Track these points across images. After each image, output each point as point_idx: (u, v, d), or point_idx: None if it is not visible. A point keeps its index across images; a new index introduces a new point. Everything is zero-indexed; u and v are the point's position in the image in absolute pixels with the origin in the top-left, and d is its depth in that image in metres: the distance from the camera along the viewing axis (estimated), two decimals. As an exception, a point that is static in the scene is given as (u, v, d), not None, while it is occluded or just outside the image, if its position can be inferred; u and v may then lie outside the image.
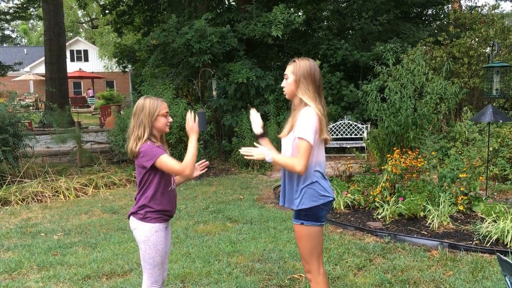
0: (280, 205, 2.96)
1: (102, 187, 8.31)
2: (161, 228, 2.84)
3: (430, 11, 15.29)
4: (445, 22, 13.74)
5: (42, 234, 5.79)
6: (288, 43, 13.30)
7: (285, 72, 2.83)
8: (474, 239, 4.82)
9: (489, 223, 4.95)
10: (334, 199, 2.87)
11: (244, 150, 2.83)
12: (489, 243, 4.64)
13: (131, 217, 2.87)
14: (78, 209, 6.97)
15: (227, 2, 14.35)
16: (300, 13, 14.28)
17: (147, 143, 2.78)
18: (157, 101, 2.86)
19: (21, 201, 7.49)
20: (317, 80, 2.77)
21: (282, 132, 2.89)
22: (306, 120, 2.67)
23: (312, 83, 2.76)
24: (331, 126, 11.26)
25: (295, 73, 2.77)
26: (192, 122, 2.84)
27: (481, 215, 5.53)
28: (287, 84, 2.82)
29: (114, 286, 4.05)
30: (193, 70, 11.66)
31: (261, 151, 2.80)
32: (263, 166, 9.78)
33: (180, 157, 8.90)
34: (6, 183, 8.01)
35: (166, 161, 2.74)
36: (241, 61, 11.32)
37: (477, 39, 10.27)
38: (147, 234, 2.80)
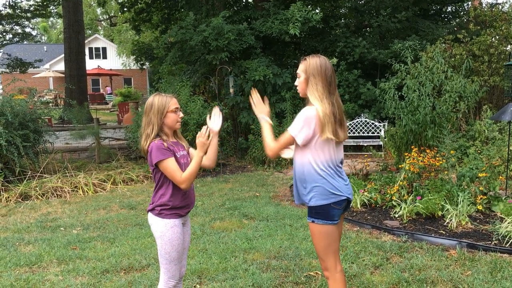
0: (296, 203, 2.96)
1: (120, 183, 8.41)
2: (177, 224, 2.84)
3: (449, 8, 15.10)
4: (465, 20, 13.54)
5: (62, 228, 5.89)
6: (305, 41, 13.25)
7: (297, 71, 2.84)
8: (493, 239, 4.76)
9: (508, 223, 4.88)
10: (348, 198, 2.80)
11: (255, 97, 3.00)
12: (509, 243, 4.58)
13: (149, 213, 2.90)
14: (97, 205, 7.07)
15: (244, 0, 14.36)
16: (317, 11, 14.22)
17: (156, 142, 2.76)
18: (165, 98, 2.83)
19: (41, 196, 7.62)
20: (327, 77, 2.74)
21: None
22: (299, 117, 2.71)
23: (322, 81, 2.73)
24: (347, 124, 11.20)
25: (305, 71, 2.78)
26: (204, 138, 2.74)
27: (500, 215, 5.45)
28: (299, 83, 2.83)
29: (132, 280, 4.10)
30: (210, 67, 11.70)
31: (264, 110, 2.95)
32: (279, 163, 9.78)
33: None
34: (27, 178, 8.16)
35: (168, 166, 2.73)
36: (258, 58, 11.33)
37: (497, 37, 10.10)
38: (162, 230, 2.82)
